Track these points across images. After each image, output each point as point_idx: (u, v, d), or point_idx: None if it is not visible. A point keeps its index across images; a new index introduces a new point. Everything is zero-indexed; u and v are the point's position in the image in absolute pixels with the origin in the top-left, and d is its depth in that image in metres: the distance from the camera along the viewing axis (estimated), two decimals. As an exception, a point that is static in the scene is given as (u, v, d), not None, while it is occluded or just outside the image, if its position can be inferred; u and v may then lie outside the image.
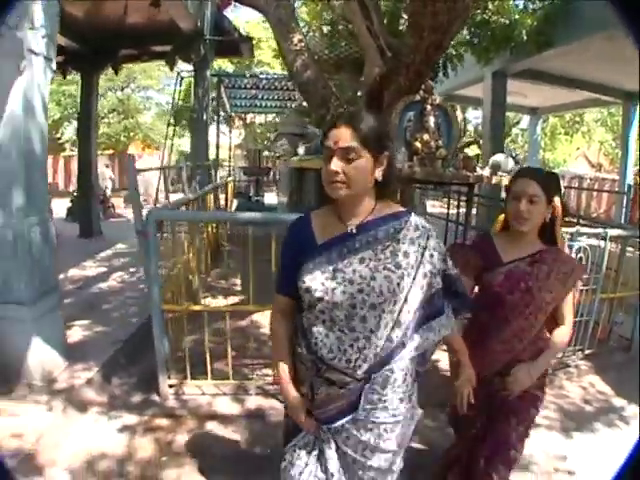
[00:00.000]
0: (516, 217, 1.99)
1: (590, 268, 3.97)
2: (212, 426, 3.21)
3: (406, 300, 1.53)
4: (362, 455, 1.61)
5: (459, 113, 4.39)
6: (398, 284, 1.49)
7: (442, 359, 3.76)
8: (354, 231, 1.55)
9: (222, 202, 9.10)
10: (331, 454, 1.62)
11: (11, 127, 3.32)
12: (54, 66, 3.67)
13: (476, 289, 2.20)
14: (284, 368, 1.69)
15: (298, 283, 1.56)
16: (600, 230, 4.02)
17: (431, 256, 1.58)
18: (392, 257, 1.52)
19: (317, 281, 1.51)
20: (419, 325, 1.60)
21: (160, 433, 3.12)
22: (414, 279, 1.54)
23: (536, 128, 15.89)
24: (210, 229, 6.21)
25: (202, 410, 3.35)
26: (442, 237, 6.99)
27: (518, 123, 26.65)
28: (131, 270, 6.94)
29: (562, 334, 2.10)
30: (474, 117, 25.56)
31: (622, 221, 8.93)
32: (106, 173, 14.44)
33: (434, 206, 15.02)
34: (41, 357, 3.50)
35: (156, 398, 3.46)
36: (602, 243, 4.07)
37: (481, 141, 10.93)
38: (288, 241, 1.71)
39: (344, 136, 1.47)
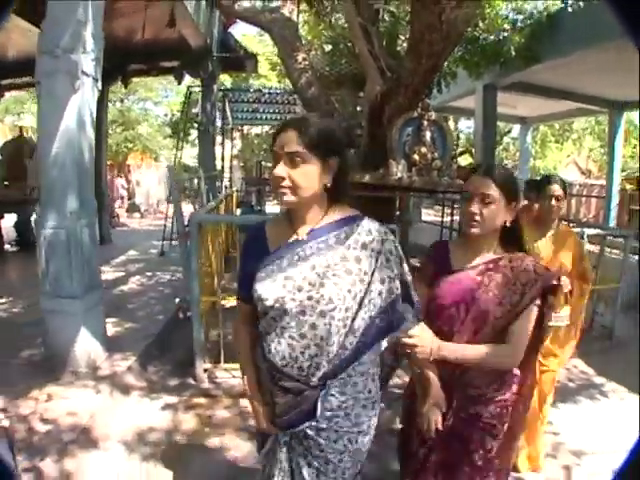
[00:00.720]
0: (466, 219, 1.75)
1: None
2: (245, 403, 3.48)
3: (360, 307, 1.46)
4: (323, 465, 1.55)
5: (451, 123, 4.86)
6: (349, 290, 1.43)
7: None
8: (305, 238, 1.50)
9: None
10: (283, 458, 1.60)
11: (66, 140, 3.70)
12: (100, 85, 4.07)
13: None
14: (249, 375, 1.67)
15: (252, 291, 1.52)
16: (578, 230, 4.40)
17: (387, 260, 1.51)
18: (342, 263, 1.46)
19: (268, 289, 1.46)
20: (381, 333, 1.52)
21: (200, 409, 3.53)
22: (369, 285, 1.47)
23: (526, 137, 16.22)
24: (223, 235, 6.61)
25: (235, 390, 3.75)
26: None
27: (509, 132, 26.81)
28: (147, 274, 7.28)
29: (498, 349, 1.71)
30: (466, 127, 26.01)
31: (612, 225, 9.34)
32: (118, 183, 14.63)
33: (428, 214, 15.53)
34: (87, 347, 3.87)
35: (191, 381, 3.88)
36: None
37: (473, 150, 11.27)
38: (244, 250, 1.68)
39: (290, 140, 1.41)
